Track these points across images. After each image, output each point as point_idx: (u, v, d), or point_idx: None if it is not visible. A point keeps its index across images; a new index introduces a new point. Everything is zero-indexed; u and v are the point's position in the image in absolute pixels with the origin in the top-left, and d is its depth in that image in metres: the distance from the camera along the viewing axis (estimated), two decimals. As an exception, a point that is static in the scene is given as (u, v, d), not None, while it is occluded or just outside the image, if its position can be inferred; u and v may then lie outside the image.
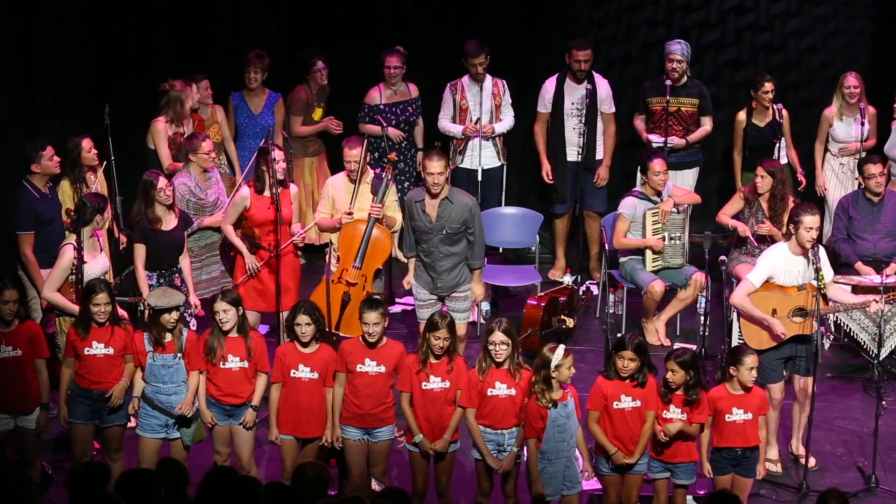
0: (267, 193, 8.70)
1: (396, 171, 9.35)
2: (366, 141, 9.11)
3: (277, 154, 8.67)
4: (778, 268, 7.97)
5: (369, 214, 8.75)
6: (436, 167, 8.28)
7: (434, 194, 8.34)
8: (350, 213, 8.79)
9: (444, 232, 8.40)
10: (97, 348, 7.35)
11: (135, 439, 7.48)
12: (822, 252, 8.06)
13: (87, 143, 8.78)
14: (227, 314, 7.32)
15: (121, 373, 7.40)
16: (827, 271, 8.01)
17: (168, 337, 7.33)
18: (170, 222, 8.45)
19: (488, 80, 10.50)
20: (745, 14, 11.27)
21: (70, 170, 8.71)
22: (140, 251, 8.42)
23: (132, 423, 7.59)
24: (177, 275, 8.53)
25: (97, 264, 8.11)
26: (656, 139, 10.36)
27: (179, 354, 7.34)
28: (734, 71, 11.33)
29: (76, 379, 7.41)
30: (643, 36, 11.34)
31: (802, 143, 10.51)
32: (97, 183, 8.83)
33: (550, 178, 10.62)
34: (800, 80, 11.27)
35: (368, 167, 8.99)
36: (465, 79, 10.52)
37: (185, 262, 8.58)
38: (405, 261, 8.63)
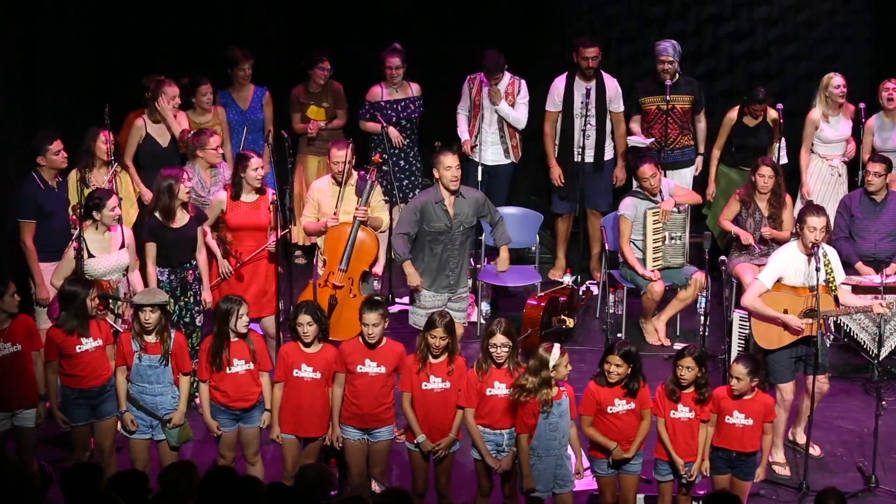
0: (244, 199, 8.67)
1: (381, 173, 9.34)
2: (352, 143, 9.02)
3: (256, 161, 8.63)
4: (788, 267, 7.99)
5: (354, 217, 8.72)
6: (453, 161, 8.39)
7: (453, 190, 8.38)
8: (335, 217, 8.76)
9: (462, 228, 8.47)
10: (87, 343, 7.35)
11: (125, 440, 7.50)
12: (833, 253, 8.08)
13: (103, 136, 8.80)
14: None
15: (109, 363, 7.42)
16: (838, 273, 8.02)
17: (152, 338, 7.33)
18: (183, 219, 8.44)
19: (506, 77, 10.50)
20: (739, 37, 11.30)
21: (80, 161, 8.72)
22: (150, 249, 8.42)
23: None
24: (190, 271, 8.52)
25: (108, 260, 8.10)
26: (640, 140, 10.35)
27: (165, 358, 7.33)
28: (728, 100, 11.31)
29: (68, 381, 7.37)
30: (644, 37, 11.34)
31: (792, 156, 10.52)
32: (113, 179, 8.84)
33: (561, 181, 10.60)
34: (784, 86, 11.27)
35: (353, 169, 8.96)
36: (483, 75, 10.51)
37: (201, 256, 8.55)
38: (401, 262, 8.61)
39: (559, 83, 10.52)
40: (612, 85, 10.53)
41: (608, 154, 10.63)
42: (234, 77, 10.39)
